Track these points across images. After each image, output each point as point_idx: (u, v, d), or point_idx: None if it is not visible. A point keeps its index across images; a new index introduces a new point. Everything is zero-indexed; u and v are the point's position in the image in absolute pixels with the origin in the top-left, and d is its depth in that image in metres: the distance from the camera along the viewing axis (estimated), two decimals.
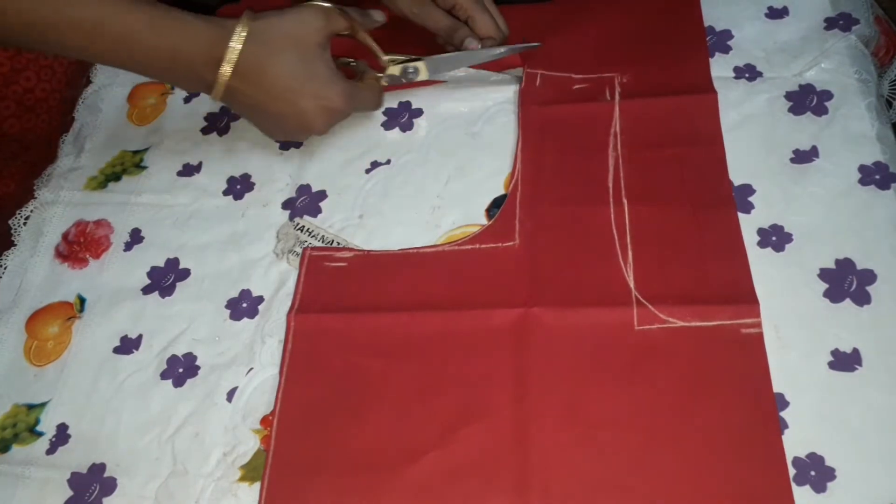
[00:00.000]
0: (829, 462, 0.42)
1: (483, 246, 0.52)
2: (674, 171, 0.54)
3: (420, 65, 0.59)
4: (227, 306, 0.53)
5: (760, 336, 0.46)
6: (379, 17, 0.59)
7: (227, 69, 0.52)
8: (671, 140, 0.55)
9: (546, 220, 0.53)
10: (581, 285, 0.50)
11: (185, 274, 0.56)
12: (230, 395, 0.49)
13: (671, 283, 0.49)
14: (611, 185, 0.53)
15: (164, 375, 0.51)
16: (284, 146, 0.61)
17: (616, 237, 0.51)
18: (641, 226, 0.52)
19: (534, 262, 0.51)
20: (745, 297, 0.47)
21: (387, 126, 0.61)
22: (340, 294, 0.52)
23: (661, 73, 0.58)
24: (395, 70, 0.59)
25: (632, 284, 0.49)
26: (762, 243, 0.50)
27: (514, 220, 0.53)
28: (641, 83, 0.58)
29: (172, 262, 0.56)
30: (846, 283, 0.48)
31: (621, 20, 0.62)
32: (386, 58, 0.59)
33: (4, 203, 0.66)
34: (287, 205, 0.58)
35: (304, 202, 0.57)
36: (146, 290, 0.55)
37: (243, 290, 0.54)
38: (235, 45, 0.51)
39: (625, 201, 0.53)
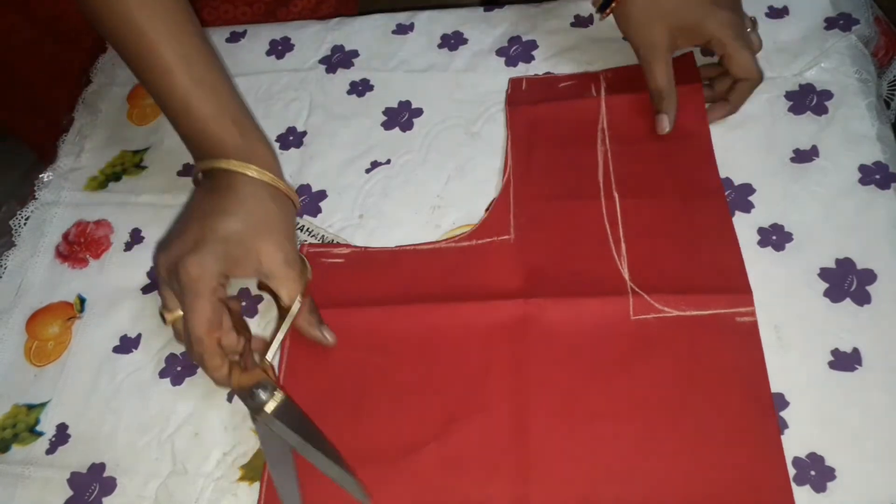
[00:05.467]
0: (829, 462, 0.42)
1: (478, 241, 0.52)
2: (662, 164, 0.54)
3: (275, 398, 0.44)
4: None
5: (755, 324, 0.46)
6: (329, 337, 0.49)
7: (197, 171, 0.52)
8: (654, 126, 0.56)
9: (539, 215, 0.53)
10: (576, 277, 0.50)
11: None
12: (230, 394, 0.49)
13: (665, 274, 0.49)
14: (601, 179, 0.54)
15: (163, 374, 0.51)
16: (285, 146, 0.61)
17: (608, 230, 0.51)
18: (633, 218, 0.52)
19: (529, 255, 0.51)
20: (738, 287, 0.48)
21: (387, 126, 0.61)
22: (338, 290, 0.52)
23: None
24: (246, 379, 0.45)
25: (626, 275, 0.49)
26: (762, 242, 0.50)
27: (508, 214, 0.53)
28: (626, 79, 0.59)
29: None
30: (846, 282, 0.48)
31: None
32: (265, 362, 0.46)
33: None
34: None
35: (304, 202, 0.57)
36: (146, 290, 0.55)
37: (242, 290, 0.54)
38: (219, 164, 0.50)
39: (615, 195, 0.53)
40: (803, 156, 0.53)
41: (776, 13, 0.61)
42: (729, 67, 0.54)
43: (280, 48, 0.68)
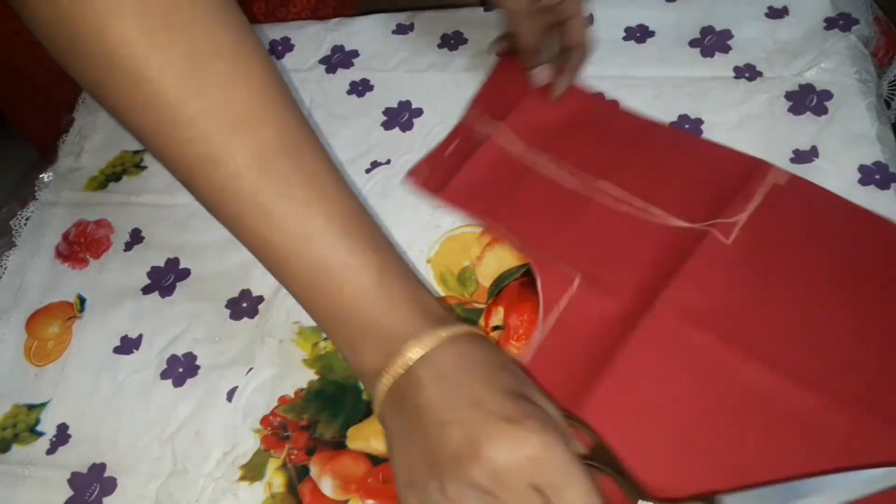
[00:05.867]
0: None
1: (558, 307, 0.49)
2: (596, 134, 0.56)
3: None
4: (227, 306, 0.53)
5: (795, 177, 0.51)
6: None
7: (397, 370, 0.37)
8: (563, 113, 0.57)
9: (568, 252, 0.51)
10: (646, 259, 0.50)
11: (186, 274, 0.56)
12: (230, 394, 0.49)
13: (702, 201, 0.51)
14: (571, 184, 0.54)
15: (164, 375, 0.51)
16: None
17: (624, 209, 0.52)
18: (629, 185, 0.53)
19: (604, 281, 0.49)
20: (757, 165, 0.52)
21: (387, 126, 0.61)
22: None
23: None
24: None
25: (687, 223, 0.50)
26: None
27: (556, 270, 0.50)
28: (496, 102, 0.59)
29: (172, 262, 0.56)
30: None
31: None
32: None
33: None
34: None
35: None
36: (146, 290, 0.55)
37: (243, 290, 0.54)
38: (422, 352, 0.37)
39: (597, 182, 0.53)
40: (803, 156, 0.53)
41: (776, 13, 0.61)
42: (569, 32, 0.57)
43: (280, 48, 0.68)
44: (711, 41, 0.60)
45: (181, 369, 0.51)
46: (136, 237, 0.58)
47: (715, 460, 0.42)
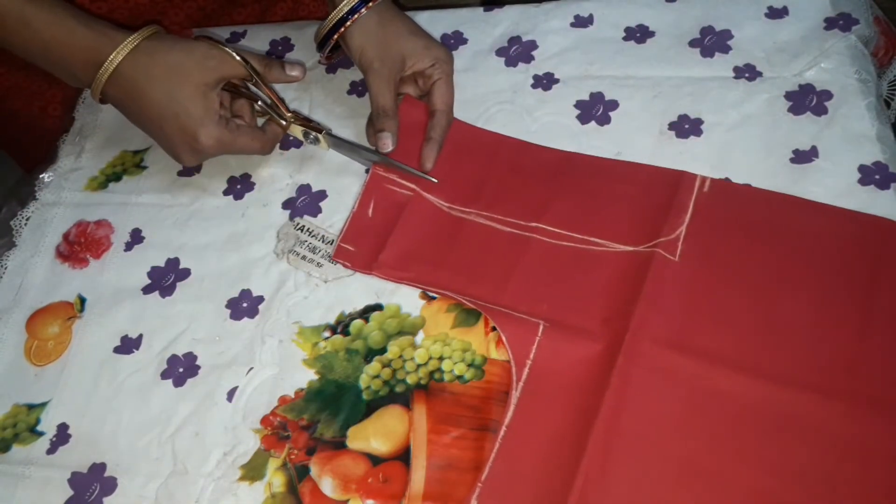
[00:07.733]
0: None
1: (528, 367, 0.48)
2: (514, 179, 0.55)
3: (321, 137, 0.58)
4: (228, 306, 0.53)
5: (717, 181, 0.53)
6: (294, 72, 0.59)
7: (102, 77, 0.53)
8: (474, 166, 0.57)
9: (519, 296, 0.50)
10: (602, 290, 0.49)
11: (186, 274, 0.56)
12: (230, 394, 0.49)
13: (637, 223, 0.51)
14: (506, 230, 0.53)
15: (164, 375, 0.51)
16: (284, 146, 0.61)
17: (565, 244, 0.52)
18: (563, 221, 0.53)
19: (570, 326, 0.49)
20: (683, 176, 0.53)
21: None
22: None
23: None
24: (296, 131, 0.59)
25: (631, 247, 0.50)
26: None
27: (518, 319, 0.49)
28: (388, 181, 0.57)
29: (173, 262, 0.56)
30: None
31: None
32: (289, 114, 0.59)
33: None
34: (287, 204, 0.58)
35: (304, 202, 0.58)
36: (146, 290, 0.55)
37: (243, 290, 0.54)
38: (116, 56, 0.53)
39: (531, 224, 0.53)
40: (803, 156, 0.53)
41: (776, 13, 0.61)
42: (436, 95, 0.58)
43: (280, 48, 0.68)
44: (711, 41, 0.60)
45: (181, 369, 0.51)
46: (136, 237, 0.58)
47: (727, 482, 0.42)
